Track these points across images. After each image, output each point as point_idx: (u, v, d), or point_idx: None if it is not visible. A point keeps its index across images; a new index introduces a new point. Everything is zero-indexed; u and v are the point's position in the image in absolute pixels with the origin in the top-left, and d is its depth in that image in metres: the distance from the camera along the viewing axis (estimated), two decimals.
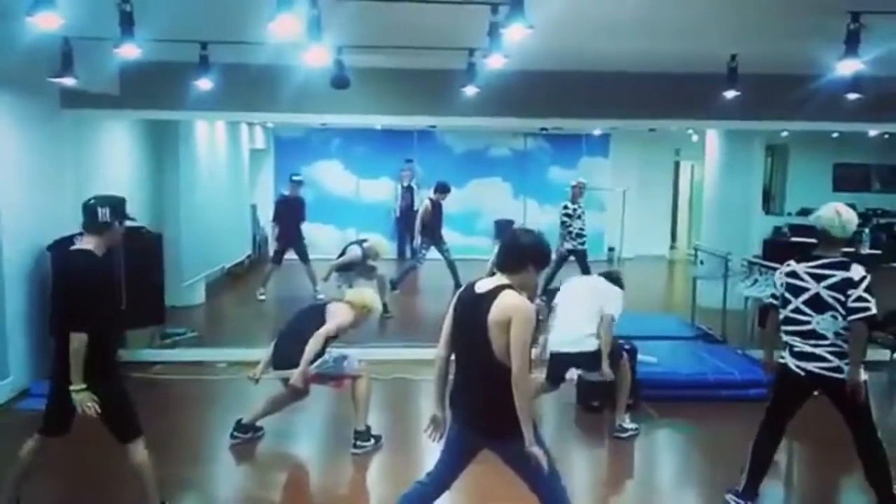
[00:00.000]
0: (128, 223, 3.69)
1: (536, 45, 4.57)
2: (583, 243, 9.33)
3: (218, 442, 5.22)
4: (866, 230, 12.48)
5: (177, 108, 6.85)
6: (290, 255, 9.93)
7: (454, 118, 7.52)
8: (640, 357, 5.82)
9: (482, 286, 3.07)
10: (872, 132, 11.03)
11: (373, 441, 5.03)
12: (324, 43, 4.33)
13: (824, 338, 3.75)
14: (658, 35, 5.25)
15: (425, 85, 6.82)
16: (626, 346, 5.68)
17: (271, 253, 9.81)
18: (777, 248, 8.16)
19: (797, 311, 3.81)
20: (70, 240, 6.18)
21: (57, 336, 3.55)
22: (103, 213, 3.51)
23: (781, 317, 3.93)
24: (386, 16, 4.85)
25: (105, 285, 3.60)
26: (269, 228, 13.82)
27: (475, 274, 3.48)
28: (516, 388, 2.89)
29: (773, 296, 4.06)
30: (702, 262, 8.23)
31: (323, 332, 4.81)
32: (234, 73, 6.29)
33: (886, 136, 11.94)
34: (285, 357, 4.85)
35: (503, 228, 14.35)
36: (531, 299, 3.16)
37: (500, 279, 3.05)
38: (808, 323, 3.78)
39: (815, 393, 4.00)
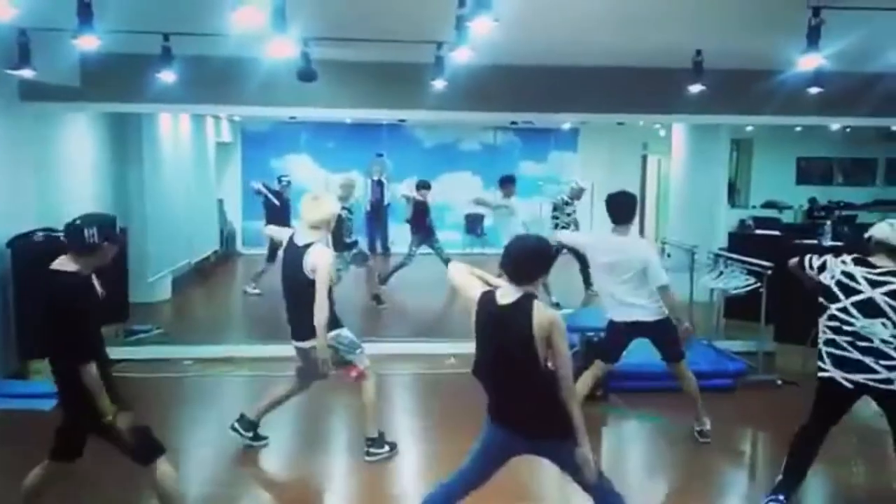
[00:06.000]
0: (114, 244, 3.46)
1: (504, 40, 4.57)
2: None
3: (184, 440, 5.15)
4: (828, 223, 12.73)
5: (139, 100, 6.72)
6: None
7: (423, 112, 7.49)
8: None
9: (504, 296, 3.07)
10: (834, 126, 11.26)
11: (387, 448, 4.76)
12: (289, 35, 4.27)
13: (870, 343, 3.71)
14: (625, 30, 5.28)
15: (394, 78, 6.79)
16: (595, 338, 5.73)
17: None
18: (742, 241, 8.27)
19: (844, 310, 3.78)
20: (30, 236, 6.10)
21: (55, 363, 3.40)
22: (90, 234, 3.30)
23: (826, 314, 3.85)
24: (352, 7, 4.81)
25: (93, 305, 3.41)
26: (237, 224, 13.73)
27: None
28: (571, 397, 3.02)
29: (820, 267, 3.93)
30: (669, 255, 8.32)
31: (320, 291, 4.34)
32: (198, 66, 6.18)
33: (848, 129, 12.18)
34: (303, 326, 4.50)
35: (473, 223, 14.41)
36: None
37: (518, 288, 3.05)
38: (852, 325, 3.76)
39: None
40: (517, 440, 3.16)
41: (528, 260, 3.10)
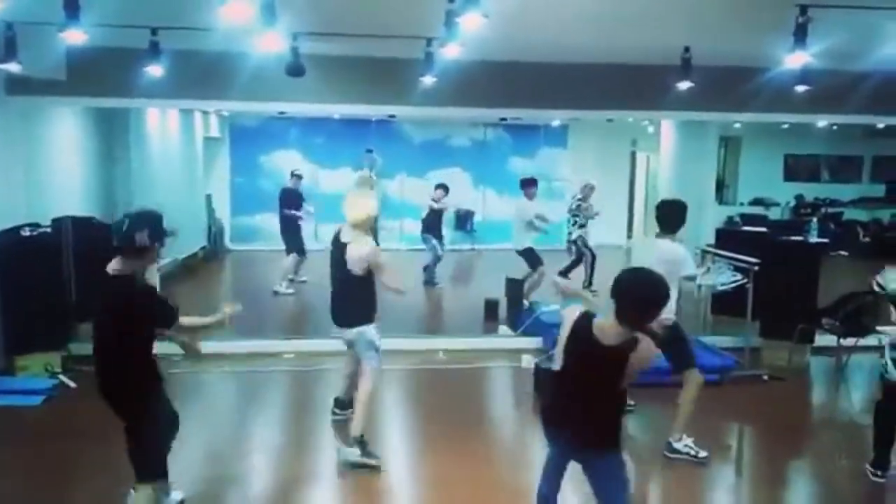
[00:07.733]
0: (166, 239, 3.58)
1: (494, 36, 4.57)
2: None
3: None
4: (814, 219, 12.85)
5: (126, 95, 6.66)
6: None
7: (413, 108, 7.47)
8: None
9: (606, 336, 2.94)
10: (821, 123, 11.35)
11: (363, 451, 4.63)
12: (278, 29, 4.26)
13: None
14: (614, 27, 5.29)
15: (383, 74, 6.76)
16: None
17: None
18: (729, 237, 8.32)
19: None
20: (17, 231, 6.06)
21: (112, 372, 3.39)
22: (141, 238, 3.37)
23: None
24: (342, 2, 4.79)
25: (149, 308, 3.44)
26: (226, 220, 13.66)
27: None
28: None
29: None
30: None
31: (386, 271, 4.70)
32: (187, 60, 6.14)
33: (834, 126, 12.28)
34: (344, 315, 4.80)
35: (463, 220, 14.41)
36: None
37: (624, 331, 2.91)
38: None
39: None
40: (567, 447, 3.17)
41: (646, 304, 2.92)
